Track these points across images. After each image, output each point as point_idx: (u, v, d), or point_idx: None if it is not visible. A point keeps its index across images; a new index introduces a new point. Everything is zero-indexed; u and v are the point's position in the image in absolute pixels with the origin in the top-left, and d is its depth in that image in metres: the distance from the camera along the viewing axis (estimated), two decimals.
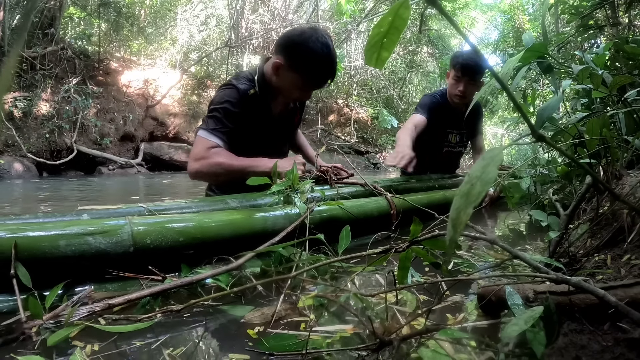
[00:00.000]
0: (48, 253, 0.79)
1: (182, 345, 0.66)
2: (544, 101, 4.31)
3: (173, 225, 0.96)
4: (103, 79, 9.22)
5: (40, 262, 0.78)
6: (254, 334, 0.70)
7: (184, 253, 0.94)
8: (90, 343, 0.65)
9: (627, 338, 0.55)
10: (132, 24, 10.35)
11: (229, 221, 1.05)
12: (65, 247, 0.80)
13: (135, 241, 0.88)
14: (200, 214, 1.09)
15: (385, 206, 1.44)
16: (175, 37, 11.74)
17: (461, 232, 0.35)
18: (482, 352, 0.62)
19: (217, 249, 0.97)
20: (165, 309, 0.75)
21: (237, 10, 10.69)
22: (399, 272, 0.78)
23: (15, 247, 0.74)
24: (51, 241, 0.80)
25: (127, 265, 0.85)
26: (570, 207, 1.06)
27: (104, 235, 0.85)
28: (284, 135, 1.75)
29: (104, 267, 0.84)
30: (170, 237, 0.92)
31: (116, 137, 8.74)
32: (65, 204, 3.53)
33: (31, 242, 0.78)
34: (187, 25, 11.79)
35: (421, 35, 12.04)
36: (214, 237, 1.00)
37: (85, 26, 10.15)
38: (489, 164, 0.35)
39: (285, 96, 1.57)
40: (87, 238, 0.83)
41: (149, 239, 0.90)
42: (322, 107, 11.83)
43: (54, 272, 0.80)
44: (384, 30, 0.43)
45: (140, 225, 0.91)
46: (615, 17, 3.31)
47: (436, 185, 2.08)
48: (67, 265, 0.81)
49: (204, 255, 0.96)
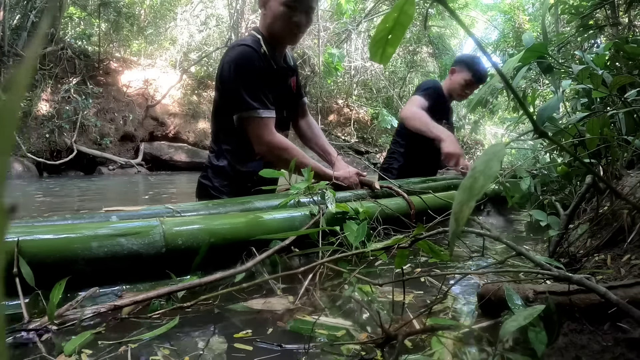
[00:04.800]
0: (80, 255, 0.79)
1: (186, 338, 0.66)
2: (544, 101, 4.31)
3: (203, 226, 0.97)
4: (103, 79, 9.22)
5: (73, 264, 0.79)
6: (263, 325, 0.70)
7: (214, 253, 0.95)
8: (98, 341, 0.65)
9: (627, 338, 0.55)
10: (132, 24, 10.35)
11: (258, 222, 1.07)
12: (97, 249, 0.81)
13: (167, 242, 0.88)
14: (229, 215, 1.10)
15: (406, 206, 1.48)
16: (175, 37, 11.74)
17: (463, 225, 0.35)
18: (483, 350, 0.62)
19: (246, 248, 0.97)
20: (177, 306, 0.75)
21: (237, 10, 10.69)
22: (397, 259, 0.78)
23: (18, 245, 0.74)
24: (83, 243, 0.80)
25: (159, 266, 0.86)
26: (570, 207, 1.06)
27: (136, 236, 0.86)
28: (286, 103, 1.66)
29: (137, 268, 0.85)
30: (202, 237, 0.93)
31: (116, 137, 8.75)
32: (77, 205, 3.53)
33: (63, 244, 0.79)
34: (187, 25, 11.79)
35: (421, 35, 12.03)
36: (244, 238, 1.00)
37: (85, 26, 10.15)
38: (491, 159, 0.35)
39: (283, 35, 1.51)
40: (120, 239, 0.84)
41: (180, 240, 0.90)
42: (322, 107, 11.83)
43: (85, 273, 0.81)
44: (389, 26, 0.43)
45: (173, 226, 0.92)
46: (615, 17, 3.31)
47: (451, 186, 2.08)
48: (100, 266, 0.82)
49: (235, 254, 0.97)
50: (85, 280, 0.80)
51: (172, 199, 3.87)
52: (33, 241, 0.76)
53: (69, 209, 3.16)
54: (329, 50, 10.48)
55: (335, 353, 0.62)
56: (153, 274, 0.88)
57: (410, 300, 0.84)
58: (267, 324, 0.73)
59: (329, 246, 1.02)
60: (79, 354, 0.61)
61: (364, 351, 0.61)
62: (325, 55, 10.46)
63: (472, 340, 0.65)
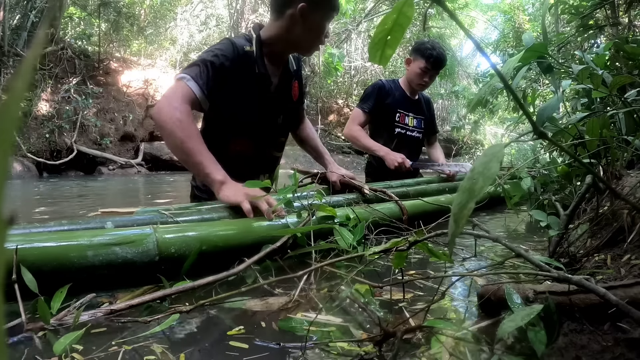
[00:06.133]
0: (76, 263, 0.81)
1: (182, 335, 0.66)
2: (544, 101, 4.32)
3: (195, 234, 0.97)
4: (103, 79, 9.23)
5: (68, 272, 0.80)
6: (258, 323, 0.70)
7: (207, 259, 0.96)
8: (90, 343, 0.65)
9: (627, 338, 0.55)
10: (132, 24, 10.36)
11: (249, 229, 1.07)
12: (93, 258, 0.82)
13: (160, 250, 0.90)
14: (221, 222, 1.10)
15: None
16: (175, 37, 11.75)
17: (463, 227, 0.35)
18: (482, 349, 0.62)
19: (239, 254, 0.97)
20: (174, 309, 0.75)
21: (237, 10, 10.69)
22: (395, 261, 0.78)
23: (16, 253, 0.75)
24: (79, 251, 0.82)
25: (152, 273, 0.87)
26: (570, 207, 1.06)
27: (130, 245, 0.87)
28: (280, 109, 1.58)
29: (131, 275, 0.87)
30: (194, 245, 0.94)
31: (116, 137, 8.75)
32: (74, 207, 3.53)
33: (60, 252, 0.80)
34: (187, 25, 11.80)
35: (421, 35, 12.03)
36: (236, 245, 1.01)
37: (85, 26, 10.16)
38: (490, 160, 0.35)
39: (307, 46, 1.48)
40: (115, 248, 0.85)
41: (173, 248, 0.92)
42: (322, 107, 11.84)
43: (81, 280, 0.82)
44: (388, 27, 0.44)
45: (165, 234, 0.93)
46: (615, 17, 3.31)
47: (446, 189, 2.08)
48: (95, 274, 0.83)
49: (228, 261, 0.97)
50: (81, 287, 0.81)
51: (171, 199, 3.87)
52: (32, 249, 0.78)
53: (69, 210, 3.16)
54: (329, 50, 10.48)
55: (333, 352, 0.62)
56: (147, 281, 0.89)
57: (408, 299, 0.84)
58: (264, 323, 0.73)
59: (324, 245, 1.03)
60: (71, 353, 0.61)
61: (362, 350, 0.61)
62: (325, 55, 10.46)
63: (471, 339, 0.65)
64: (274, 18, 1.44)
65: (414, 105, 2.50)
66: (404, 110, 2.45)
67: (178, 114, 1.20)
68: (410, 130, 2.49)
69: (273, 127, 1.57)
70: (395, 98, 2.43)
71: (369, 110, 2.37)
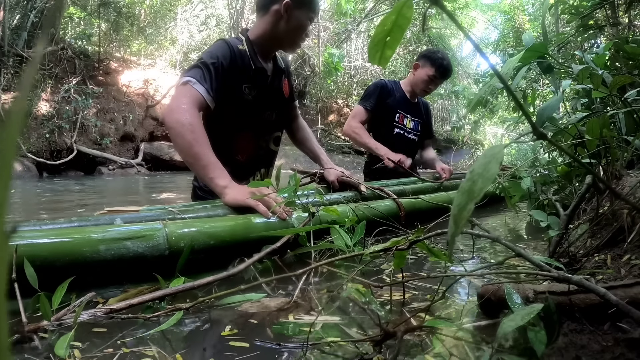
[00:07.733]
0: (89, 257, 0.82)
1: (181, 335, 0.66)
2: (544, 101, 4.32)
3: (204, 229, 0.99)
4: (103, 79, 9.22)
5: (81, 266, 0.81)
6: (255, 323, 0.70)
7: (214, 254, 0.98)
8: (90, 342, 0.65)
9: (627, 338, 0.55)
10: (132, 24, 10.36)
11: (254, 225, 1.09)
12: (105, 252, 0.84)
13: (170, 245, 0.92)
14: (227, 217, 1.12)
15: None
16: (175, 37, 11.75)
17: (463, 228, 0.35)
18: (482, 349, 0.62)
19: (246, 249, 0.99)
20: (174, 307, 0.75)
21: (237, 10, 10.69)
22: (396, 261, 0.78)
23: (16, 251, 0.75)
24: (92, 246, 0.83)
25: (162, 267, 0.89)
26: (570, 207, 1.06)
27: (141, 239, 0.89)
28: (274, 105, 1.63)
29: (141, 269, 0.88)
30: (202, 240, 0.96)
31: (116, 137, 8.75)
32: (76, 207, 3.53)
33: (73, 246, 0.82)
34: (187, 25, 11.80)
35: (422, 35, 12.04)
36: (242, 240, 1.03)
37: (85, 26, 10.16)
38: (490, 161, 0.35)
39: (290, 42, 1.55)
40: (126, 242, 0.87)
41: (182, 242, 0.94)
42: (322, 107, 11.84)
43: (95, 274, 0.84)
44: (387, 28, 0.43)
45: (174, 228, 0.95)
46: (615, 17, 3.31)
47: (441, 187, 2.09)
48: (107, 267, 0.85)
49: (234, 255, 0.99)
50: (92, 281, 0.83)
51: (171, 199, 3.88)
52: (45, 244, 0.80)
53: (69, 209, 3.16)
54: (329, 50, 10.48)
55: (333, 352, 0.62)
56: (157, 275, 0.90)
57: (407, 299, 0.84)
58: (263, 323, 0.73)
59: (325, 244, 1.03)
60: (72, 351, 0.61)
61: (363, 350, 0.61)
62: (325, 55, 10.46)
63: (471, 339, 0.65)
64: (260, 16, 1.54)
65: (413, 108, 2.52)
66: (403, 112, 2.47)
67: (188, 116, 1.25)
68: (408, 132, 2.51)
69: (269, 121, 1.63)
70: (396, 99, 2.45)
71: (371, 108, 2.38)
